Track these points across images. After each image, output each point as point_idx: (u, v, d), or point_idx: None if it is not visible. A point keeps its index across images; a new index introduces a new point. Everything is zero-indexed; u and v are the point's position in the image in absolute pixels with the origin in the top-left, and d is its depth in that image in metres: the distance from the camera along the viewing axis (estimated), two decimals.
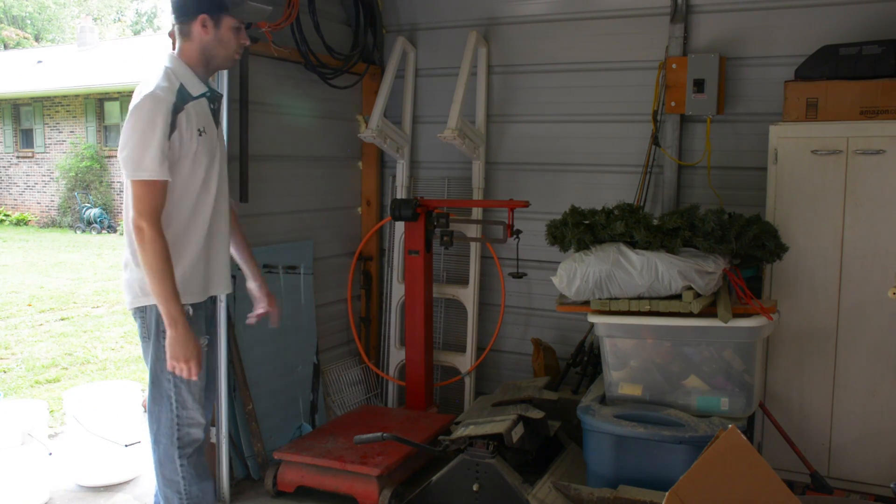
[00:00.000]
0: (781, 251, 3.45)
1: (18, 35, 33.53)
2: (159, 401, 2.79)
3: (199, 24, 2.66)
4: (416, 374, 4.36)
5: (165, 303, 2.57)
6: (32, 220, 20.78)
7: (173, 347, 2.60)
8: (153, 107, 2.54)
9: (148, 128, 2.52)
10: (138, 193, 2.55)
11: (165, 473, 2.84)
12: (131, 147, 2.53)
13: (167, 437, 2.81)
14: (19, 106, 21.21)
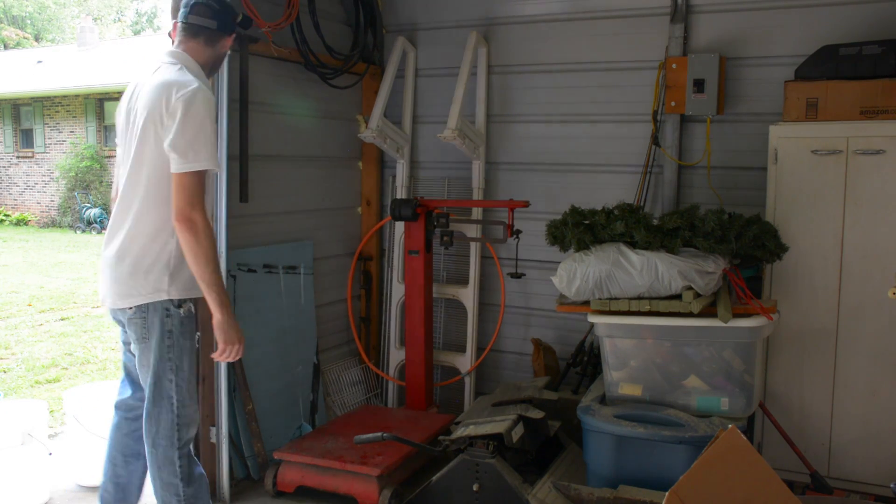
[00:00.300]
0: (781, 251, 3.45)
1: (18, 35, 33.53)
2: (160, 402, 2.80)
3: (231, 40, 2.86)
4: (416, 374, 4.36)
5: (219, 289, 2.67)
6: (32, 220, 20.78)
7: (227, 332, 2.72)
8: (206, 101, 2.66)
9: (206, 120, 2.64)
10: (189, 183, 2.60)
11: (164, 477, 2.84)
12: (189, 138, 2.60)
13: (167, 439, 2.81)
14: (19, 106, 21.21)
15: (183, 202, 2.61)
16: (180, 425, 2.82)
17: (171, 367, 2.79)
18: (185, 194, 2.61)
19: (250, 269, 4.01)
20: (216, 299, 2.68)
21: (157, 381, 2.79)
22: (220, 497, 3.71)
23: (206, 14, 2.78)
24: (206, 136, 2.63)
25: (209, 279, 2.65)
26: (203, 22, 2.77)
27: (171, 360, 2.79)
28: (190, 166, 2.60)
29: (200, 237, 2.61)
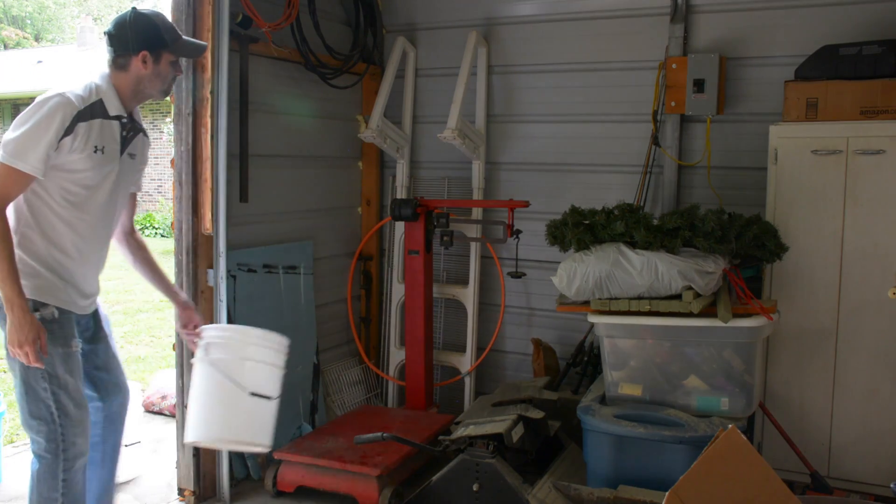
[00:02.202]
0: (781, 251, 3.45)
1: (18, 35, 33.53)
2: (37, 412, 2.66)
3: (140, 59, 2.71)
4: (416, 374, 4.36)
5: (4, 284, 2.49)
6: None
7: (10, 332, 2.52)
8: (57, 106, 2.55)
9: (43, 124, 2.53)
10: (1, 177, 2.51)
11: (42, 492, 2.69)
12: (20, 134, 2.51)
13: (49, 454, 2.67)
14: (19, 106, 21.22)
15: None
16: (65, 436, 2.66)
17: (42, 375, 2.62)
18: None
19: (250, 270, 4.01)
20: (3, 295, 2.52)
21: (28, 389, 2.64)
22: (221, 497, 3.71)
23: (108, 43, 2.76)
24: (28, 138, 2.51)
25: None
26: (107, 52, 2.75)
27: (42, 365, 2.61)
28: (10, 161, 2.51)
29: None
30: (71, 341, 2.71)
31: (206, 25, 3.48)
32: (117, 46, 2.72)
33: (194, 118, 3.55)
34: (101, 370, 2.94)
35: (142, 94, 2.79)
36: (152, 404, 5.06)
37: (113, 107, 2.71)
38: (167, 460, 4.20)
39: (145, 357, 6.96)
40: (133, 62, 2.71)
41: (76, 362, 2.73)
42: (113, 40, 2.73)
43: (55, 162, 2.58)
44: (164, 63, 2.76)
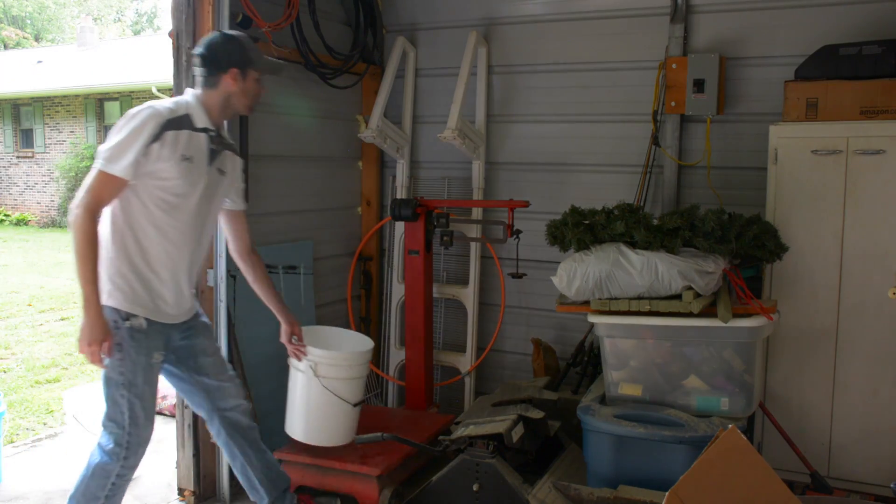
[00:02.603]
0: (781, 251, 3.45)
1: (18, 35, 33.54)
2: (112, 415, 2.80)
3: (230, 76, 2.88)
4: (416, 374, 4.36)
5: (85, 284, 2.63)
6: (32, 220, 20.79)
7: (82, 330, 2.65)
8: (147, 117, 2.71)
9: (134, 132, 2.67)
10: (97, 181, 2.65)
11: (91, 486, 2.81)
12: (114, 144, 2.67)
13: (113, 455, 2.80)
14: (19, 106, 21.21)
15: (79, 195, 2.66)
16: (130, 444, 2.80)
17: (122, 382, 2.76)
18: (85, 188, 2.66)
19: None
20: (82, 295, 2.65)
21: (109, 393, 2.78)
22: (220, 497, 3.72)
23: (198, 63, 2.91)
24: (121, 146, 2.66)
25: (78, 272, 2.64)
26: (196, 71, 2.92)
27: (122, 374, 2.76)
28: (105, 167, 2.66)
29: (78, 230, 2.62)
30: (153, 353, 2.83)
31: (206, 25, 3.48)
32: (208, 65, 2.89)
33: None
34: (204, 376, 3.06)
35: (229, 109, 2.95)
36: None
37: (200, 119, 2.86)
38: (167, 460, 4.20)
39: None
40: (223, 79, 2.88)
41: (155, 374, 2.88)
42: (204, 60, 2.90)
43: (147, 169, 2.71)
44: (250, 80, 2.94)
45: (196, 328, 3.04)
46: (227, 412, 3.13)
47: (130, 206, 2.76)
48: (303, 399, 3.51)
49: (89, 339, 2.64)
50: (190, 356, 3.02)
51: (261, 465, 3.24)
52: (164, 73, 12.24)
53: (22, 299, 9.58)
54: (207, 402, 3.09)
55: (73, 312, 8.84)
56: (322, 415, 3.51)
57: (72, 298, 9.69)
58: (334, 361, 3.46)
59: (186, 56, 3.51)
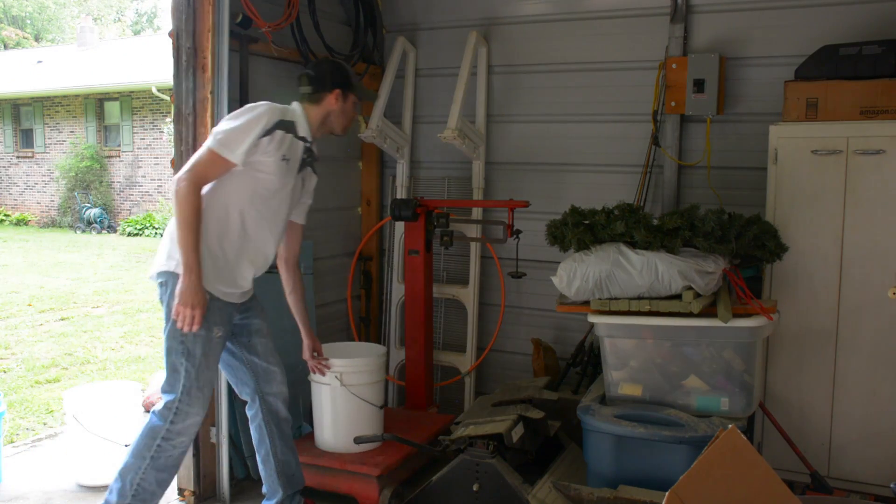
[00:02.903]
0: (781, 251, 3.45)
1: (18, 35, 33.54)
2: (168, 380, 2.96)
3: (333, 96, 3.17)
4: (416, 374, 4.36)
5: (186, 251, 2.81)
6: (32, 220, 20.79)
7: (183, 294, 2.82)
8: (265, 112, 2.96)
9: (251, 122, 2.92)
10: (206, 158, 2.86)
11: (139, 442, 2.96)
12: (231, 128, 2.89)
13: (162, 417, 2.95)
14: (19, 106, 21.22)
15: (186, 168, 2.85)
16: (179, 410, 2.94)
17: (182, 351, 2.92)
18: (193, 163, 2.86)
19: None
20: (182, 261, 2.83)
21: (169, 360, 2.94)
22: (221, 497, 3.71)
23: (304, 82, 3.19)
24: (237, 131, 2.88)
25: (180, 240, 2.82)
26: (303, 90, 3.19)
27: (183, 343, 2.91)
28: (217, 148, 2.86)
29: (182, 199, 2.81)
30: (214, 328, 2.97)
31: (207, 25, 3.48)
32: (315, 83, 3.17)
33: (194, 118, 3.55)
34: (255, 355, 3.23)
35: (327, 125, 3.23)
36: (152, 404, 5.02)
37: (303, 129, 3.13)
38: None
39: (145, 357, 6.96)
40: (326, 98, 3.17)
41: (215, 349, 3.01)
42: (311, 79, 3.18)
43: (251, 159, 2.93)
44: (349, 102, 3.23)
45: (254, 308, 3.23)
46: (269, 396, 3.26)
47: (224, 190, 2.95)
48: (330, 409, 3.68)
49: (191, 303, 2.82)
50: (245, 334, 3.20)
51: (284, 458, 3.32)
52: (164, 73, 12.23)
53: (22, 299, 9.58)
54: (253, 383, 3.24)
55: (72, 312, 8.85)
56: (351, 421, 3.67)
57: (72, 298, 9.70)
58: (357, 368, 3.67)
59: (186, 56, 3.51)
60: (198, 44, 3.50)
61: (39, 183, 20.96)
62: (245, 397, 3.29)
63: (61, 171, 20.02)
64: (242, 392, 3.29)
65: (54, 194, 20.61)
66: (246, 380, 3.25)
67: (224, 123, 2.93)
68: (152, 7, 39.44)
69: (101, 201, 19.67)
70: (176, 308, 2.84)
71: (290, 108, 3.11)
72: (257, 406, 3.26)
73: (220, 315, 2.99)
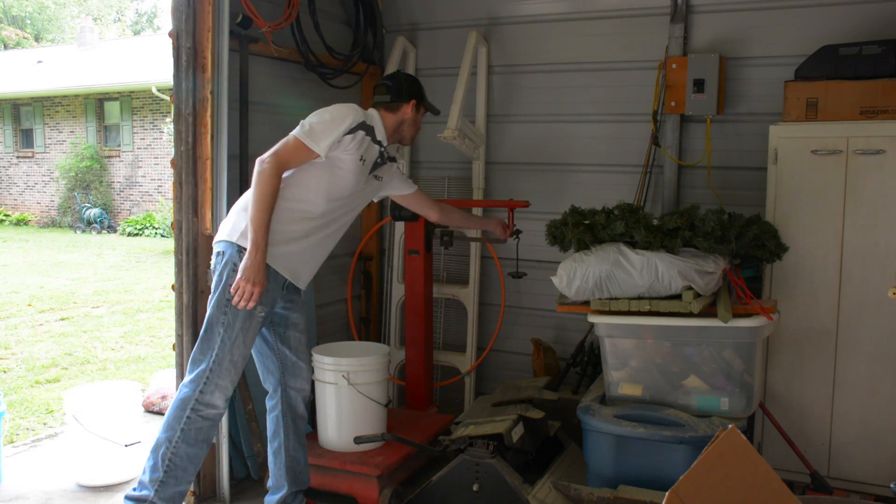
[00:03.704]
0: (781, 251, 3.45)
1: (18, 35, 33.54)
2: (204, 349, 3.00)
3: (411, 106, 3.34)
4: (416, 374, 4.36)
5: (256, 230, 2.89)
6: (32, 220, 20.79)
7: (247, 269, 2.89)
8: (351, 111, 3.12)
9: (339, 118, 3.07)
10: (291, 145, 2.99)
11: (171, 415, 3.00)
12: (319, 121, 3.04)
13: (193, 384, 2.99)
14: (19, 106, 21.22)
15: (271, 151, 2.96)
16: (209, 380, 2.97)
17: (223, 322, 2.97)
18: (278, 148, 2.97)
19: None
20: (252, 238, 2.90)
21: (207, 331, 2.99)
22: (220, 497, 3.71)
23: (382, 91, 3.35)
24: (325, 125, 3.03)
25: (253, 217, 2.90)
26: (381, 98, 3.34)
27: (225, 314, 2.96)
28: (304, 138, 2.98)
29: (262, 179, 2.90)
30: (258, 306, 3.00)
31: (207, 25, 3.48)
32: (394, 93, 3.32)
33: (194, 118, 3.55)
34: (287, 347, 3.27)
35: (398, 133, 3.36)
36: (152, 404, 5.06)
37: (380, 133, 3.26)
38: None
39: (145, 357, 6.96)
40: (403, 107, 3.33)
41: (254, 326, 3.04)
42: (390, 88, 3.33)
43: (332, 153, 3.05)
44: (420, 114, 3.40)
45: (297, 303, 3.28)
46: (291, 391, 3.29)
47: (304, 177, 3.06)
48: (335, 408, 3.69)
49: (253, 279, 2.88)
50: (283, 324, 3.25)
51: (295, 455, 3.34)
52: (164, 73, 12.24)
53: (22, 299, 9.58)
54: (279, 373, 3.27)
55: (72, 312, 8.85)
56: (358, 420, 3.69)
57: (72, 298, 9.70)
58: (364, 367, 3.70)
59: (186, 56, 3.51)
60: (198, 44, 3.51)
61: (39, 183, 20.96)
62: (268, 387, 3.32)
63: (61, 171, 20.03)
64: (267, 381, 3.32)
65: (54, 194, 20.61)
66: (273, 369, 3.29)
67: (312, 116, 3.08)
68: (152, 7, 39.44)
69: (101, 201, 19.67)
70: (237, 282, 2.89)
71: (369, 114, 3.26)
72: (278, 397, 3.29)
73: (267, 296, 3.03)
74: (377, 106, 3.36)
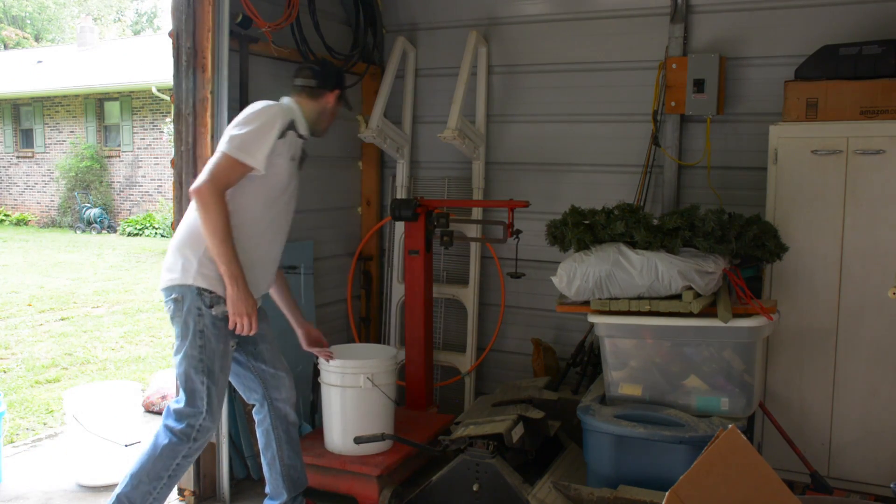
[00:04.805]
0: (781, 251, 3.45)
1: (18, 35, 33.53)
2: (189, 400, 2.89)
3: (334, 95, 3.17)
4: (416, 374, 4.36)
5: (228, 263, 2.78)
6: (32, 220, 20.79)
7: (236, 303, 2.82)
8: (277, 112, 2.95)
9: (268, 124, 2.89)
10: (225, 165, 2.81)
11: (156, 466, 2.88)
12: (249, 132, 2.84)
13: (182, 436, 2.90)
14: (19, 106, 21.21)
15: (205, 176, 2.78)
16: (202, 427, 2.90)
17: (202, 369, 2.88)
18: (211, 171, 2.79)
19: None
20: (226, 272, 2.79)
21: (187, 380, 2.88)
22: (220, 497, 3.71)
23: (308, 75, 3.16)
24: (255, 135, 2.84)
25: (217, 251, 2.77)
26: (306, 82, 3.15)
27: (202, 361, 2.88)
28: (236, 154, 2.81)
29: (210, 209, 2.75)
30: (230, 340, 2.97)
31: (207, 25, 3.48)
32: (321, 78, 3.14)
33: (194, 118, 3.55)
34: (262, 362, 3.19)
35: (317, 124, 3.18)
36: (152, 404, 5.06)
37: (302, 127, 3.10)
38: None
39: (145, 357, 6.96)
40: (326, 96, 3.16)
41: (229, 360, 3.00)
42: (318, 73, 3.16)
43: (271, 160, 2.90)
44: (339, 105, 3.23)
45: (260, 314, 3.13)
46: (278, 402, 3.24)
47: (237, 194, 2.88)
48: (357, 411, 3.64)
49: (245, 311, 2.82)
50: (251, 342, 3.14)
51: (290, 463, 3.31)
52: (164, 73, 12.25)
53: (22, 299, 9.57)
54: (261, 389, 3.22)
55: (72, 312, 8.85)
56: (380, 421, 3.68)
57: (72, 298, 9.69)
58: (387, 367, 3.71)
59: (186, 56, 3.51)
60: (198, 44, 3.51)
61: (39, 183, 20.95)
62: (253, 402, 3.27)
63: (61, 171, 20.02)
64: (251, 398, 3.27)
65: (54, 194, 20.61)
66: (254, 387, 3.22)
67: (237, 128, 2.87)
68: (152, 7, 39.45)
69: (101, 201, 19.66)
70: (232, 320, 2.83)
71: (289, 107, 3.08)
72: (266, 411, 3.23)
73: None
74: (298, 92, 3.15)
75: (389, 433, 3.64)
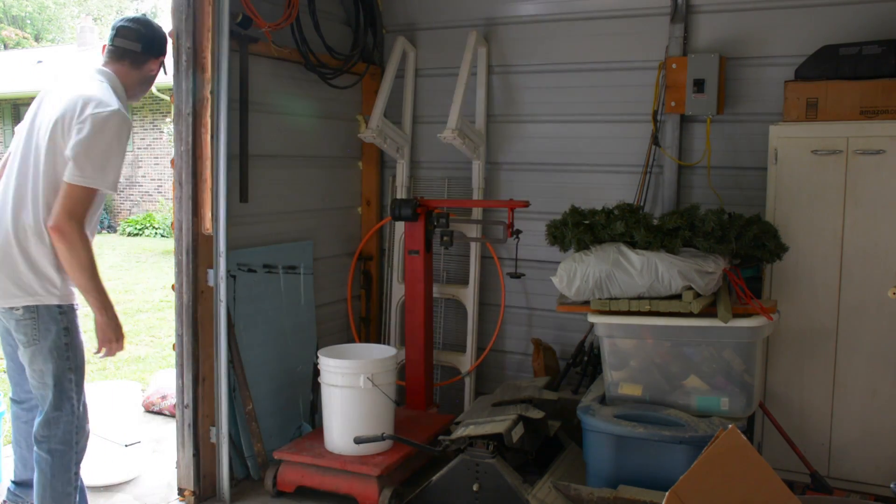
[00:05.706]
0: (781, 251, 3.45)
1: (18, 35, 33.53)
2: (61, 405, 2.81)
3: (158, 63, 2.94)
4: (416, 374, 4.36)
5: (99, 293, 2.76)
6: None
7: (104, 331, 2.82)
8: (119, 125, 2.70)
9: (114, 143, 2.69)
10: (77, 196, 2.66)
11: (56, 487, 2.80)
12: (100, 154, 2.67)
13: (65, 444, 2.81)
14: (19, 106, 21.20)
15: (62, 212, 2.64)
16: (79, 428, 2.85)
17: (71, 367, 2.83)
18: (68, 205, 2.64)
19: (250, 269, 4.01)
20: (96, 302, 2.77)
21: (57, 382, 2.79)
22: (220, 497, 3.72)
23: (132, 37, 2.85)
24: (109, 158, 2.68)
25: (86, 285, 2.73)
26: (128, 45, 2.85)
27: (69, 359, 2.82)
28: (86, 181, 2.65)
29: (76, 246, 2.66)
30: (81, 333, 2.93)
31: (207, 25, 3.48)
32: (146, 42, 2.85)
33: (194, 118, 3.55)
34: None
35: (137, 92, 2.96)
36: (152, 404, 5.06)
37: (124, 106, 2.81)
38: (167, 460, 4.20)
39: (145, 357, 6.95)
40: (150, 63, 2.91)
41: None
42: (143, 36, 2.84)
43: None
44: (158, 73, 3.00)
45: None
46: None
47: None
48: (357, 411, 3.66)
49: (115, 337, 2.83)
50: None
51: None
52: None
53: None
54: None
55: None
56: (380, 421, 3.69)
57: None
58: (387, 367, 3.74)
59: (186, 56, 3.51)
60: (198, 44, 3.51)
61: None
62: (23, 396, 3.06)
63: None
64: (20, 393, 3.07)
65: None
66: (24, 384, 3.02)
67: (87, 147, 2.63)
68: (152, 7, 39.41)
69: None
70: (100, 346, 2.83)
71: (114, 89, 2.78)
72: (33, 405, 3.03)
73: None
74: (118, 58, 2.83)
75: (389, 433, 3.64)
